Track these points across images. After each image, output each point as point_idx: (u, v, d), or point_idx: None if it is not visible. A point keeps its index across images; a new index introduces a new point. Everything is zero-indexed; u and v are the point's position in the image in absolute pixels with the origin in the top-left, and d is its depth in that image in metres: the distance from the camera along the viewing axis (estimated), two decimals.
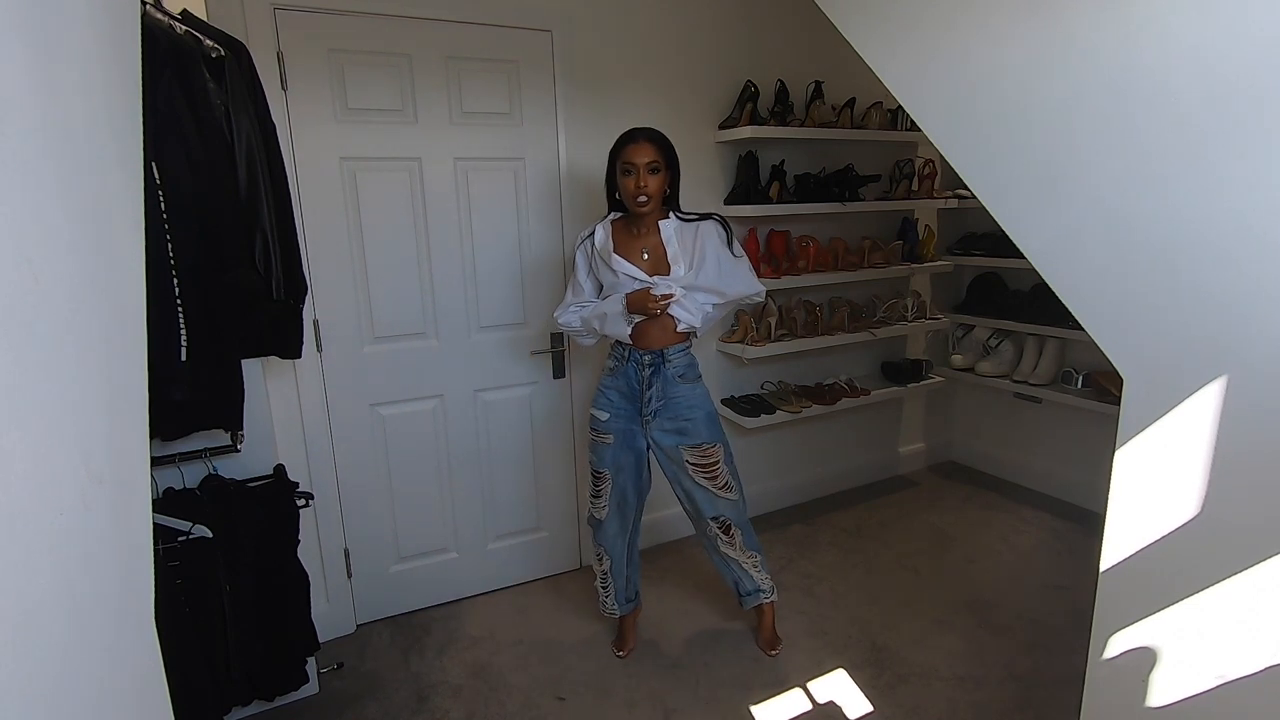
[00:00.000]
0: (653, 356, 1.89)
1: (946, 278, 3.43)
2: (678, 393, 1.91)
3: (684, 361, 1.92)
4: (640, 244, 1.88)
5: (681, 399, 1.91)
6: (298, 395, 2.11)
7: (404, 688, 2.03)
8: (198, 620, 1.54)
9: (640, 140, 1.80)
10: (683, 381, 1.91)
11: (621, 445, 1.96)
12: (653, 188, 1.79)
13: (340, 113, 2.03)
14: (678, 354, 1.91)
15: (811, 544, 2.83)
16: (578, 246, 1.97)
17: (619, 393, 1.94)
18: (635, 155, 1.78)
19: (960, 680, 2.01)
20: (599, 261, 1.91)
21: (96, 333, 0.67)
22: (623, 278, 1.86)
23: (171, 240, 1.28)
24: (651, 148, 1.79)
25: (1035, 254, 1.20)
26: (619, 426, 1.95)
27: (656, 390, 1.90)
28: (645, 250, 1.88)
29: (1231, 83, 0.90)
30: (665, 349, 1.89)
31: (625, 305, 1.84)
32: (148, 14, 1.24)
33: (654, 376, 1.90)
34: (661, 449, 1.96)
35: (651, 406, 1.92)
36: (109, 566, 0.66)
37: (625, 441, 1.96)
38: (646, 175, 1.78)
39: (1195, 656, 1.07)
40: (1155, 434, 1.08)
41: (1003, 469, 3.45)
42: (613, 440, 1.95)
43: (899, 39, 1.34)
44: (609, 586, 2.12)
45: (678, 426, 1.92)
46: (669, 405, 1.91)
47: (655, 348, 1.89)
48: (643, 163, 1.78)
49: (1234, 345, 0.96)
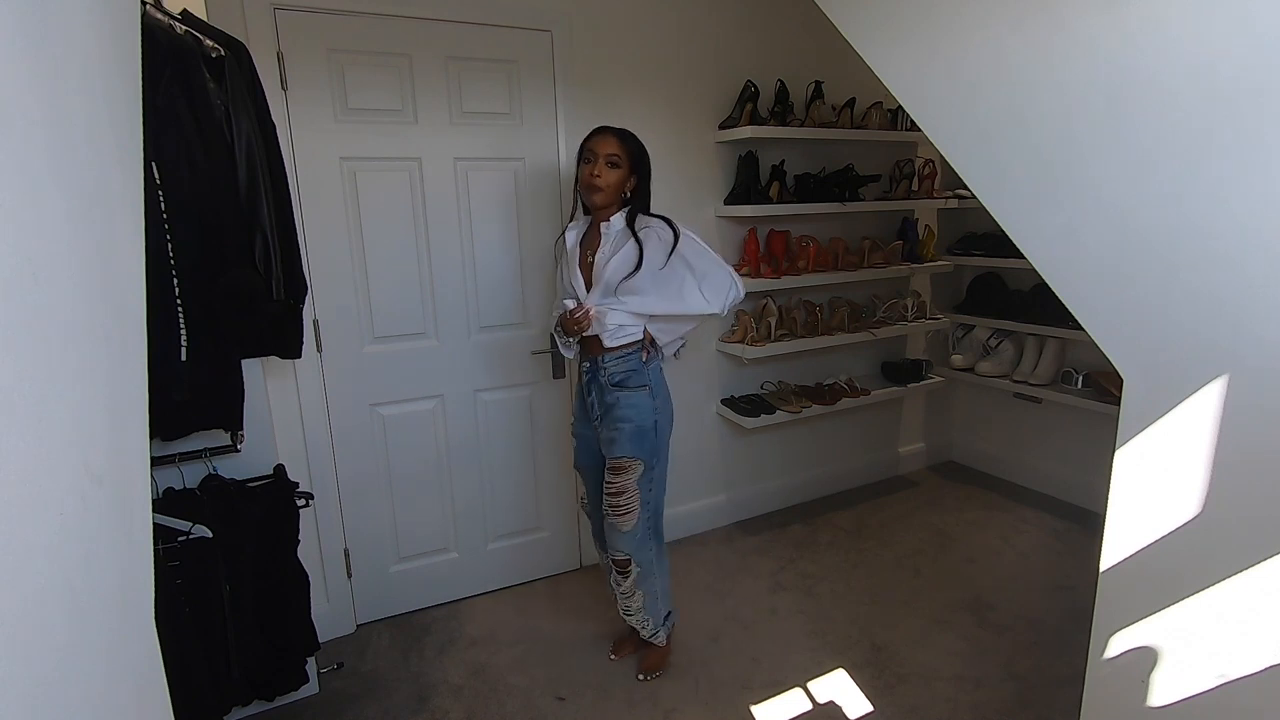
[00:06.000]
0: (590, 363, 1.86)
1: (946, 278, 3.43)
2: (612, 399, 1.82)
3: (622, 368, 1.81)
4: (592, 244, 1.82)
5: (614, 407, 1.81)
6: (298, 395, 2.11)
7: (404, 688, 2.03)
8: (198, 620, 1.54)
9: (606, 132, 1.76)
10: (619, 389, 1.81)
11: (582, 448, 1.99)
12: (607, 180, 1.72)
13: (340, 113, 2.03)
14: (614, 361, 1.81)
15: (811, 544, 2.83)
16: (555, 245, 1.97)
17: (580, 399, 1.96)
18: (596, 144, 1.75)
19: (960, 680, 2.01)
20: (563, 263, 1.90)
21: (96, 333, 0.67)
22: (568, 280, 1.85)
23: (171, 240, 1.28)
24: (615, 141, 1.74)
25: (1035, 254, 1.20)
26: (580, 430, 1.97)
27: (595, 397, 1.86)
28: (590, 252, 1.81)
29: (1231, 83, 0.90)
30: (600, 356, 1.83)
31: (557, 324, 1.84)
32: (148, 14, 1.24)
33: (591, 384, 1.87)
34: (597, 463, 1.94)
35: (594, 413, 1.88)
36: (109, 566, 0.66)
37: (583, 445, 1.98)
38: (603, 167, 1.72)
39: (1195, 656, 1.07)
40: (1155, 434, 1.08)
41: (1003, 469, 3.45)
42: (577, 444, 2.00)
43: (899, 39, 1.34)
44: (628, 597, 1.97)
45: (608, 437, 1.85)
46: (607, 413, 1.84)
47: (592, 354, 1.85)
48: (602, 153, 1.73)
49: (1234, 345, 0.96)
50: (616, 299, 1.77)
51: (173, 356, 1.30)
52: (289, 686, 1.83)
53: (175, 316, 1.30)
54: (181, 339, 1.31)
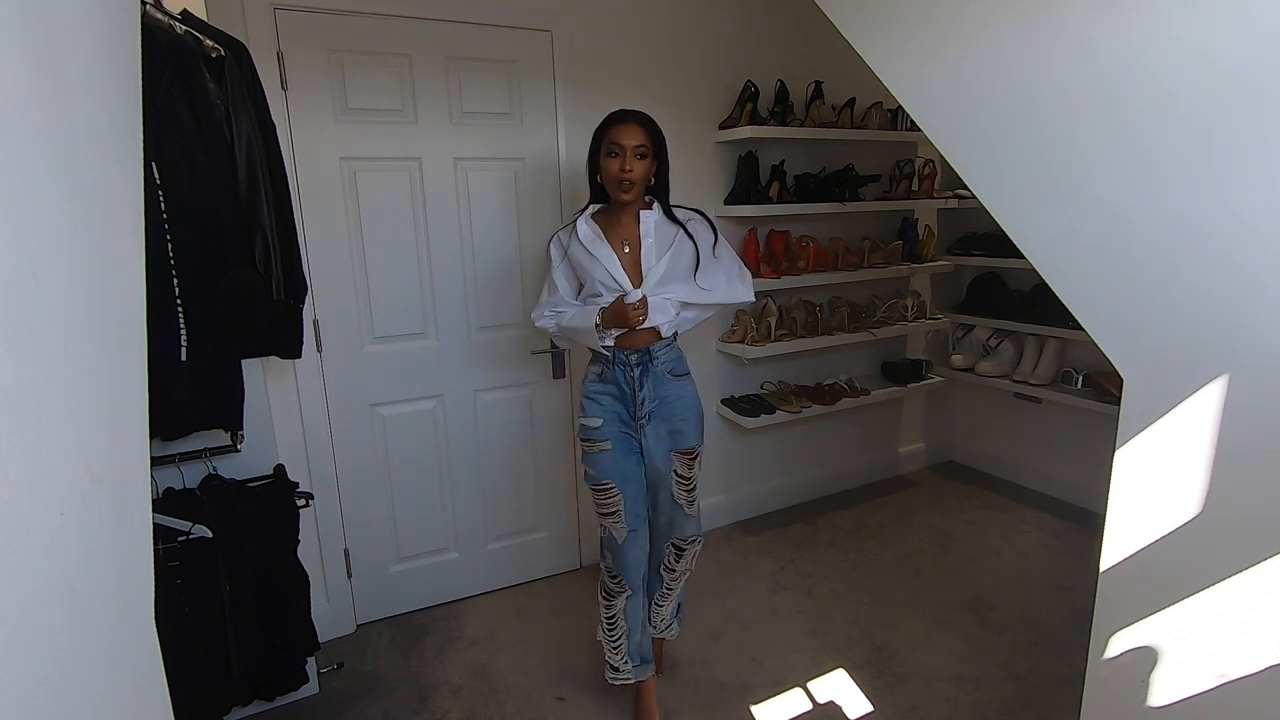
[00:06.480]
0: (639, 355, 1.73)
1: (946, 278, 3.43)
2: (670, 391, 1.76)
3: (672, 356, 1.78)
4: (619, 236, 1.72)
5: (675, 399, 1.77)
6: (298, 395, 2.11)
7: (404, 688, 2.03)
8: (198, 620, 1.54)
9: (630, 121, 1.65)
10: (674, 378, 1.77)
11: (622, 450, 1.76)
12: (638, 173, 1.64)
13: (340, 113, 2.03)
14: (664, 349, 1.75)
15: (811, 544, 2.83)
16: (551, 241, 1.79)
17: (611, 397, 1.76)
18: (623, 136, 1.63)
19: (960, 680, 2.01)
20: (583, 254, 1.72)
21: (96, 333, 0.67)
22: (603, 273, 1.70)
23: (171, 240, 1.28)
24: (641, 131, 1.64)
25: (1035, 254, 1.20)
26: (614, 430, 1.75)
27: (649, 390, 1.74)
28: (625, 243, 1.72)
29: (1230, 82, 0.90)
30: (650, 346, 1.73)
31: (599, 321, 1.68)
32: (148, 14, 1.24)
33: (644, 376, 1.73)
34: (653, 459, 1.78)
35: (645, 409, 1.75)
36: (109, 566, 0.66)
37: (624, 446, 1.76)
38: (633, 159, 1.63)
39: (1195, 656, 1.07)
40: (1155, 434, 1.08)
41: (1003, 469, 3.45)
42: (611, 447, 1.75)
43: (899, 39, 1.34)
44: (619, 634, 1.83)
45: (672, 428, 1.77)
46: (663, 405, 1.76)
47: (639, 346, 1.73)
48: (630, 145, 1.63)
49: (1234, 345, 0.96)
50: (668, 289, 1.74)
51: (173, 356, 1.30)
52: (289, 686, 1.83)
53: (175, 316, 1.30)
54: (181, 339, 1.31)
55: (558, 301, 1.79)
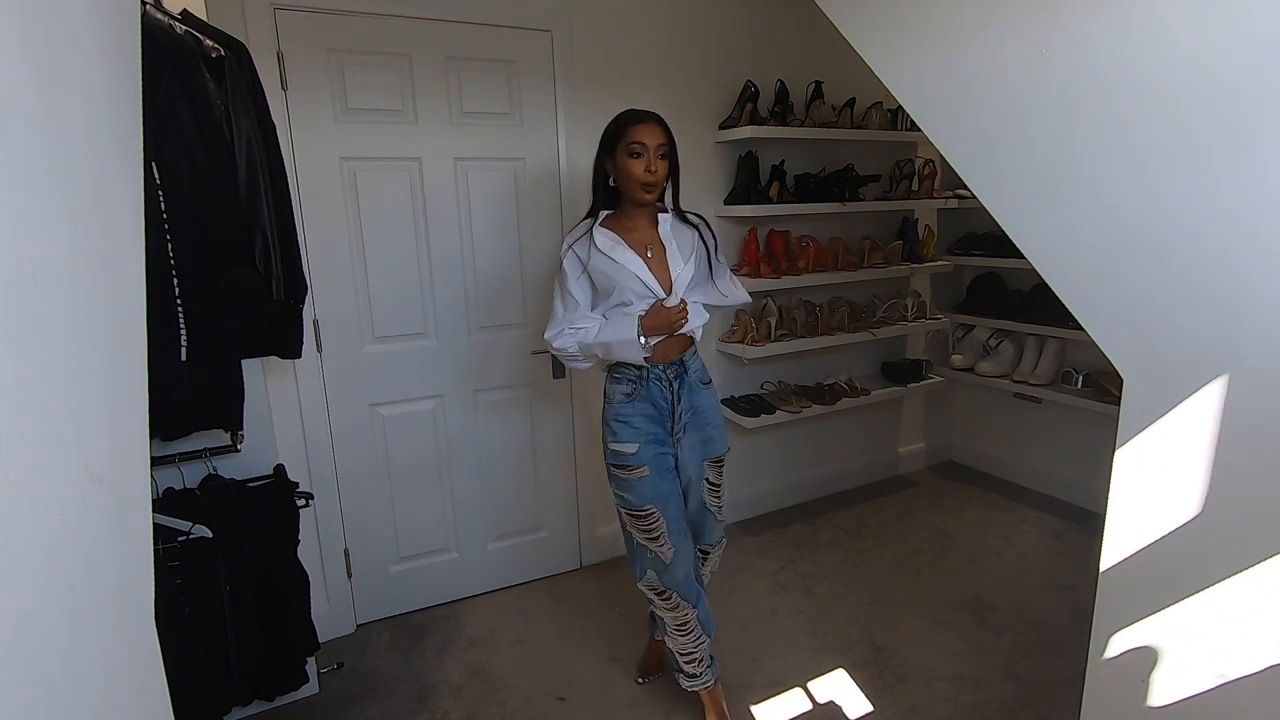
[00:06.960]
0: (675, 368, 1.70)
1: (946, 278, 3.43)
2: (701, 401, 1.75)
3: (699, 363, 1.78)
4: (638, 240, 1.67)
5: (706, 407, 1.76)
6: (298, 395, 2.11)
7: (404, 688, 2.03)
8: (198, 620, 1.54)
9: (650, 120, 1.59)
10: (704, 386, 1.77)
11: (659, 473, 1.69)
12: (662, 173, 1.60)
13: (340, 113, 2.03)
14: (694, 358, 1.76)
15: (811, 544, 2.83)
16: (565, 254, 1.68)
17: (645, 417, 1.68)
18: (646, 135, 1.57)
19: (960, 680, 2.01)
20: (606, 263, 1.64)
21: (96, 332, 0.67)
22: (632, 280, 1.63)
23: (171, 240, 1.28)
24: (661, 131, 1.60)
25: (1035, 254, 1.20)
26: (651, 454, 1.68)
27: (685, 402, 1.72)
28: (648, 246, 1.67)
29: (1230, 83, 0.90)
30: (683, 357, 1.72)
31: (640, 330, 1.61)
32: (148, 14, 1.24)
33: (680, 389, 1.70)
34: (686, 470, 1.74)
35: (681, 422, 1.72)
36: (109, 566, 0.66)
37: (661, 467, 1.70)
38: (656, 159, 1.58)
39: (1195, 656, 1.07)
40: (1155, 434, 1.08)
41: (1003, 469, 3.45)
42: (649, 472, 1.67)
43: (899, 39, 1.34)
44: (697, 640, 1.77)
45: (704, 437, 1.76)
46: (696, 416, 1.74)
47: (674, 358, 1.70)
48: (654, 144, 1.58)
49: (1233, 345, 0.96)
50: (693, 293, 1.75)
51: (173, 356, 1.30)
52: (289, 686, 1.82)
53: (175, 316, 1.30)
54: (181, 339, 1.31)
55: (576, 318, 1.68)
